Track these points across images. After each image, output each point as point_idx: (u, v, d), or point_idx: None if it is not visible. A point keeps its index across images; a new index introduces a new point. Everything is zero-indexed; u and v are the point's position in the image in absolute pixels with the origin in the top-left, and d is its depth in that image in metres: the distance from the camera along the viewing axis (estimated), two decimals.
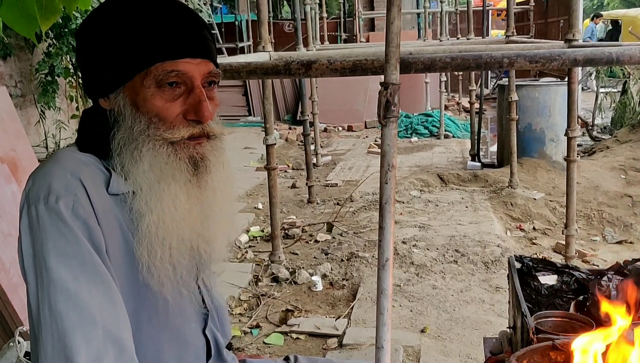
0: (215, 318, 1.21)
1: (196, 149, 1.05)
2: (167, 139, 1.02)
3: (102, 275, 0.96)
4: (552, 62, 1.85)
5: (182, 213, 1.04)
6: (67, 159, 1.03)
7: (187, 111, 1.03)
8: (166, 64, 1.01)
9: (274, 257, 3.82)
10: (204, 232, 1.08)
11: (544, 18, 13.21)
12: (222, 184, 1.10)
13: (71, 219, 0.95)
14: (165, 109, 1.02)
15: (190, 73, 1.02)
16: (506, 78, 5.50)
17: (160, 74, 1.00)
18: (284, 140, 8.34)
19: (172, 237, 1.03)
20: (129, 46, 1.01)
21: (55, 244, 0.94)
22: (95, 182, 1.01)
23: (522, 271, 1.59)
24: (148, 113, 1.02)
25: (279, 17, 14.31)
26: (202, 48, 1.05)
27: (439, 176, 5.85)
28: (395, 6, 1.08)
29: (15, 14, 1.38)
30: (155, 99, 1.01)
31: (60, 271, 0.93)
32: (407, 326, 3.01)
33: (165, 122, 1.02)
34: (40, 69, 5.56)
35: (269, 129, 3.74)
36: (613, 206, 4.71)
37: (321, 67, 1.83)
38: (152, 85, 1.01)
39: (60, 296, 0.92)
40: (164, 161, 1.02)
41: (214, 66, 1.07)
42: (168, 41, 1.01)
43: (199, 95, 1.03)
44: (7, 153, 3.50)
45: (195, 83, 1.03)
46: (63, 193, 0.96)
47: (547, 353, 1.18)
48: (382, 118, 1.13)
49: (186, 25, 1.04)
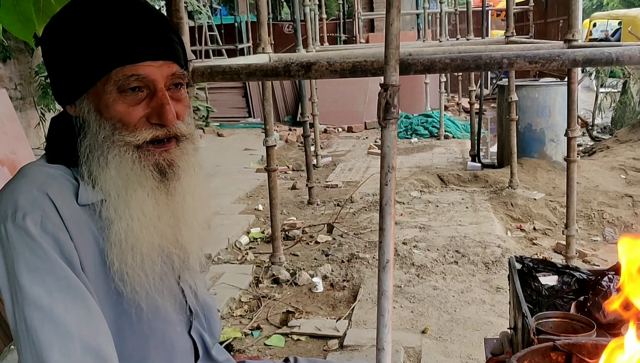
0: (201, 318, 1.20)
1: (162, 155, 1.02)
2: (130, 143, 1.00)
3: (76, 288, 0.95)
4: (552, 62, 1.85)
5: (151, 219, 1.02)
6: (34, 173, 1.01)
7: (150, 114, 1.01)
8: (126, 69, 0.98)
9: (275, 259, 3.82)
10: (176, 238, 1.07)
11: (543, 18, 13.22)
12: (193, 188, 1.08)
13: (40, 235, 0.94)
14: (128, 113, 1.00)
15: (151, 76, 1.00)
16: (506, 78, 5.50)
17: (120, 79, 0.98)
18: (284, 141, 8.35)
19: (142, 244, 1.01)
20: (88, 52, 0.98)
21: (26, 261, 0.93)
22: (64, 194, 0.99)
23: (523, 272, 1.58)
24: (111, 119, 1.00)
25: (279, 19, 14.32)
26: (163, 49, 1.02)
27: (439, 177, 5.85)
28: (394, 8, 1.08)
29: (12, 17, 1.38)
30: (117, 104, 0.99)
31: (34, 288, 0.92)
32: (408, 327, 3.01)
33: (128, 126, 1.00)
34: (40, 72, 5.57)
35: (269, 131, 3.74)
36: (613, 206, 4.71)
37: (321, 69, 1.83)
38: (113, 90, 0.99)
39: (35, 313, 0.92)
40: (130, 167, 1.00)
41: (178, 67, 1.04)
42: (126, 45, 0.98)
43: (161, 98, 1.00)
44: (7, 156, 3.50)
45: (158, 86, 1.01)
46: (30, 209, 0.95)
47: (548, 354, 1.17)
48: (381, 120, 1.13)
49: (144, 27, 1.01)
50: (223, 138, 8.71)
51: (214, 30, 10.84)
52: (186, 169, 1.05)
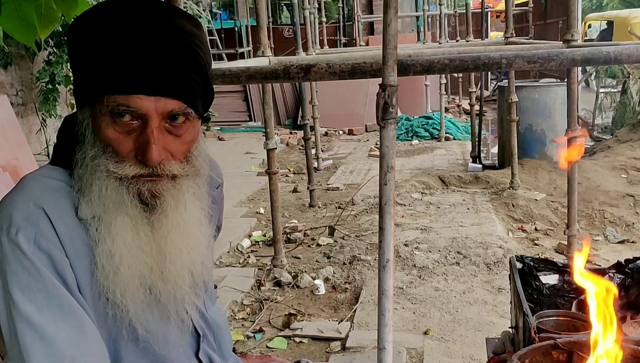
0: (210, 339, 1.18)
1: (146, 185, 0.96)
2: (112, 173, 0.96)
3: (69, 307, 0.93)
4: (550, 62, 1.86)
5: (131, 249, 0.98)
6: (33, 186, 0.99)
7: (137, 149, 0.95)
8: (119, 98, 0.93)
9: (276, 261, 3.82)
10: (161, 271, 1.01)
11: (542, 19, 13.22)
12: (180, 225, 1.01)
13: (33, 252, 0.92)
14: (117, 142, 0.95)
15: (143, 110, 0.94)
16: (506, 80, 5.51)
17: (111, 106, 0.94)
18: (285, 145, 8.35)
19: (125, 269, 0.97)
20: (92, 69, 0.95)
21: (18, 278, 0.92)
22: (62, 208, 0.97)
23: (524, 271, 1.59)
24: (102, 141, 0.96)
25: (279, 23, 14.34)
26: (164, 85, 0.94)
27: (440, 179, 5.85)
28: (391, 8, 1.09)
29: (14, 22, 1.39)
30: (108, 129, 0.95)
31: (26, 305, 0.91)
32: (410, 328, 3.01)
33: (116, 155, 0.96)
34: (41, 78, 5.58)
35: (269, 134, 3.75)
36: (615, 206, 4.71)
37: (320, 71, 1.84)
38: (106, 114, 0.95)
39: (26, 331, 0.91)
40: (111, 192, 0.96)
41: (181, 104, 0.96)
42: (122, 73, 0.92)
43: (148, 135, 0.94)
44: (9, 161, 3.51)
45: (149, 122, 0.94)
46: (23, 225, 0.93)
47: (549, 353, 1.18)
48: (380, 120, 1.14)
49: (151, 58, 0.93)
50: (224, 142, 8.72)
51: (214, 35, 10.85)
52: (175, 205, 1.00)
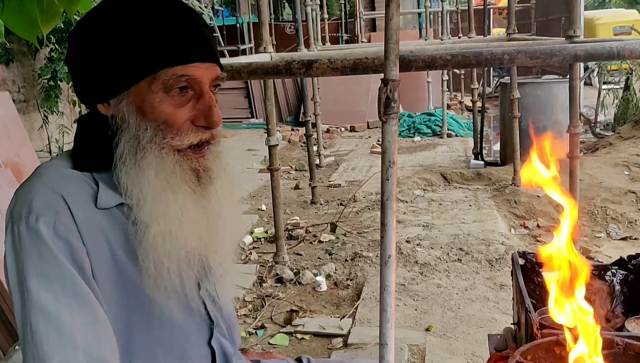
0: (222, 327, 1.17)
1: (199, 161, 1.02)
2: (174, 146, 0.98)
3: (84, 296, 0.93)
4: (553, 57, 1.85)
5: (191, 223, 1.00)
6: (50, 174, 0.99)
7: (196, 116, 0.99)
8: (176, 69, 0.96)
9: (278, 258, 3.82)
10: (212, 242, 1.05)
11: (545, 15, 13.18)
12: (227, 191, 1.08)
13: (52, 239, 0.92)
14: (174, 115, 0.98)
15: (199, 78, 0.98)
16: (508, 76, 5.50)
17: (170, 79, 0.96)
18: (287, 141, 8.35)
19: (180, 248, 1.00)
20: (136, 49, 0.95)
21: (35, 266, 0.92)
22: (80, 197, 0.97)
23: (526, 268, 1.58)
24: (156, 120, 0.97)
25: (280, 19, 14.32)
26: (210, 52, 1.01)
27: (442, 175, 5.85)
28: (393, 2, 1.08)
29: (17, 18, 1.38)
30: (164, 105, 0.97)
31: (41, 293, 0.91)
32: (412, 325, 3.01)
33: (173, 128, 0.98)
34: (43, 74, 5.58)
35: (271, 131, 3.75)
36: (617, 203, 4.70)
37: (322, 67, 1.83)
38: (160, 90, 0.96)
39: (40, 319, 0.90)
40: (171, 170, 0.99)
41: (220, 70, 1.03)
42: (179, 45, 0.96)
43: (208, 101, 0.99)
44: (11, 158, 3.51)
45: (204, 88, 0.99)
46: (43, 211, 0.93)
47: (552, 348, 1.17)
48: (382, 115, 1.13)
49: (195, 28, 0.99)
50: (226, 139, 8.55)
51: (216, 32, 10.84)
52: (219, 173, 1.05)
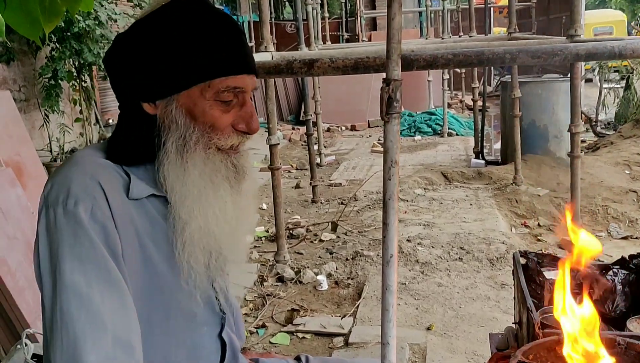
0: (231, 321, 1.21)
1: (236, 158, 1.09)
2: (218, 146, 1.06)
3: (115, 281, 0.96)
4: (555, 57, 1.85)
5: (226, 219, 1.07)
6: (86, 162, 1.03)
7: (238, 122, 1.07)
8: (229, 79, 1.04)
9: (279, 257, 3.82)
10: (236, 236, 1.12)
11: (546, 14, 13.18)
12: (252, 188, 1.16)
13: (89, 223, 0.95)
14: (221, 119, 1.05)
15: (246, 88, 1.07)
16: (509, 75, 5.50)
17: (223, 88, 1.04)
18: (288, 140, 8.35)
19: (214, 243, 1.07)
20: (194, 57, 1.02)
21: (71, 248, 0.94)
22: (114, 185, 1.01)
23: (527, 267, 1.58)
24: (204, 123, 1.05)
25: (281, 18, 14.32)
26: (253, 64, 1.09)
27: (443, 174, 5.85)
28: (396, 2, 1.08)
29: (19, 17, 1.38)
30: (214, 110, 1.04)
31: (74, 275, 0.93)
32: (413, 324, 3.01)
33: (218, 131, 1.06)
34: (44, 73, 5.57)
35: (272, 130, 3.75)
36: (618, 202, 4.70)
37: (323, 66, 1.83)
38: (211, 97, 1.04)
39: (72, 301, 0.93)
40: (215, 168, 1.06)
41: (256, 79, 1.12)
42: (232, 56, 1.04)
43: (250, 109, 1.08)
44: (12, 157, 3.51)
45: (247, 97, 1.08)
46: (82, 196, 0.96)
47: (553, 348, 1.17)
48: (384, 114, 1.13)
49: (243, 41, 1.08)
50: None
51: None
52: (249, 170, 1.13)
